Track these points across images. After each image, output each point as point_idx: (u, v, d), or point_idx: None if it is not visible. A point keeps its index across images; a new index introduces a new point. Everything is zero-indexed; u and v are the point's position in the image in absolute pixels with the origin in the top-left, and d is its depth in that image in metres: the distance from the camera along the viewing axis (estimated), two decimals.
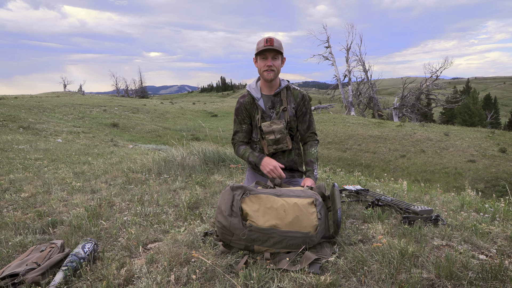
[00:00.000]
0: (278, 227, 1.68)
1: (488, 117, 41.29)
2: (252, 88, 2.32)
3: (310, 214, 1.72)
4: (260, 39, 2.18)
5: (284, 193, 1.81)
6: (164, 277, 1.55)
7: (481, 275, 1.42)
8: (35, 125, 12.84)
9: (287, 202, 1.74)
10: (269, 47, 2.11)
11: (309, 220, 1.71)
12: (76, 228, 2.21)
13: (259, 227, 1.67)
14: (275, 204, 1.73)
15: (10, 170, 4.47)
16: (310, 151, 2.33)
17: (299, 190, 1.85)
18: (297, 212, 1.70)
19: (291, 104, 2.30)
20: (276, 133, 2.21)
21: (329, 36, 31.62)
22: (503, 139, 17.02)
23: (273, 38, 2.13)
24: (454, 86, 51.16)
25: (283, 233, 1.68)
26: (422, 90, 29.93)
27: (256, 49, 2.18)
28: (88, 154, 6.70)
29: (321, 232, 1.74)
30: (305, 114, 2.34)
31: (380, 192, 2.88)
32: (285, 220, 1.68)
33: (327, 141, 17.93)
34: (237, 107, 2.35)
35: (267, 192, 1.80)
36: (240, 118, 2.35)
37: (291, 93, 2.32)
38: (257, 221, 1.68)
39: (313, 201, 1.77)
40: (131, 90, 65.78)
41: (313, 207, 1.76)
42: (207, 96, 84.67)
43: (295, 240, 1.69)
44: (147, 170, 4.06)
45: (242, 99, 2.35)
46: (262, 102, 2.30)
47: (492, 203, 2.53)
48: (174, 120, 24.67)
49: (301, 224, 1.69)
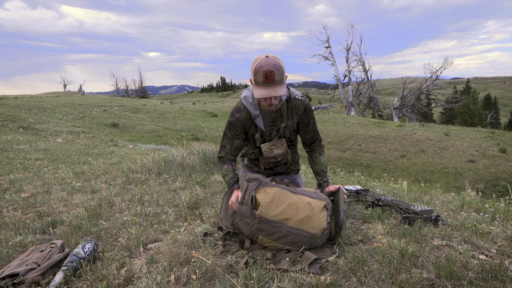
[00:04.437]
0: (287, 222, 1.71)
1: (488, 117, 41.30)
2: (249, 103, 2.00)
3: (321, 217, 1.76)
4: (258, 66, 1.79)
5: (299, 191, 1.86)
6: (164, 277, 1.55)
7: (481, 275, 1.42)
8: (35, 125, 12.84)
9: (301, 200, 1.78)
10: (270, 85, 1.80)
11: (319, 222, 1.74)
12: (76, 228, 2.21)
13: (268, 218, 1.72)
14: (289, 199, 1.77)
15: (10, 170, 4.47)
16: (320, 160, 2.19)
17: (312, 192, 1.90)
18: (309, 212, 1.74)
19: (293, 119, 2.07)
20: (278, 157, 2.09)
21: (329, 36, 31.63)
22: (503, 139, 17.01)
23: (274, 71, 1.76)
24: (454, 86, 51.16)
25: (291, 229, 1.71)
26: (422, 90, 29.92)
27: (254, 78, 1.83)
28: (88, 154, 6.70)
29: (326, 236, 1.78)
30: (308, 125, 2.14)
31: (380, 192, 2.88)
32: (296, 217, 1.72)
33: (327, 141, 17.94)
34: (232, 121, 2.04)
35: (282, 187, 1.86)
36: (233, 133, 2.06)
37: (293, 105, 2.05)
38: (268, 213, 1.72)
39: (325, 204, 1.82)
40: (131, 90, 65.78)
41: (325, 211, 1.79)
42: (207, 96, 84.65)
43: (300, 239, 1.72)
44: (147, 170, 4.06)
45: (238, 114, 2.03)
46: (261, 120, 2.04)
47: (492, 203, 2.52)
48: (174, 120, 24.67)
49: (310, 224, 1.72)
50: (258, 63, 1.79)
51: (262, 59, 1.79)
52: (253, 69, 1.82)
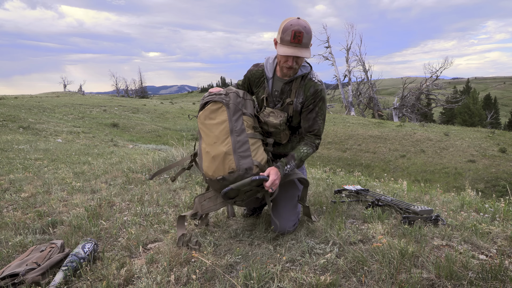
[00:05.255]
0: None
1: (488, 117, 41.30)
2: (269, 63, 2.03)
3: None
4: (288, 24, 1.78)
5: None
6: (164, 277, 1.55)
7: (481, 275, 1.42)
8: (35, 125, 12.83)
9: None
10: (296, 45, 1.78)
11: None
12: (76, 228, 2.21)
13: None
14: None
15: (10, 170, 4.47)
16: (299, 148, 1.99)
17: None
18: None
19: (299, 98, 1.99)
20: (270, 127, 2.01)
21: (329, 36, 31.63)
22: (503, 139, 17.02)
23: (303, 33, 1.75)
24: (454, 86, 51.13)
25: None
26: (422, 90, 29.93)
27: (280, 36, 1.81)
28: (88, 154, 6.70)
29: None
30: (311, 112, 2.00)
31: (380, 192, 2.88)
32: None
33: (327, 141, 17.93)
34: (246, 74, 2.15)
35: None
36: (242, 82, 2.19)
37: (304, 84, 1.98)
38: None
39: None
40: (131, 90, 65.74)
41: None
42: None
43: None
44: (147, 170, 4.06)
45: (253, 67, 2.11)
46: (271, 84, 2.04)
47: (492, 203, 2.53)
48: (174, 120, 24.67)
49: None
50: (288, 22, 1.79)
51: (293, 19, 1.79)
52: (282, 27, 1.80)
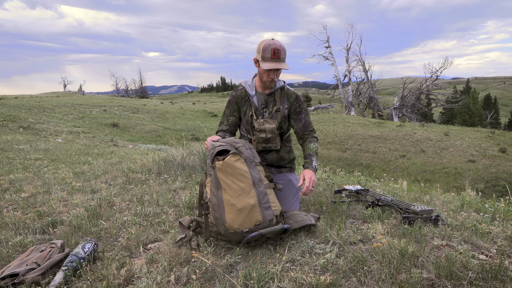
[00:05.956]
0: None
1: (488, 117, 41.32)
2: (248, 85, 2.34)
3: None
4: (266, 44, 2.09)
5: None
6: (164, 277, 1.55)
7: (481, 275, 1.42)
8: (35, 125, 12.83)
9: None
10: (276, 61, 2.09)
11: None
12: (76, 228, 2.21)
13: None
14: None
15: (10, 170, 4.47)
16: (309, 146, 2.29)
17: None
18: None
19: (284, 105, 2.31)
20: (267, 132, 2.25)
21: (329, 36, 31.63)
22: (503, 139, 17.01)
23: (280, 50, 2.08)
24: (454, 86, 51.16)
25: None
26: (422, 90, 29.92)
27: (261, 55, 2.11)
28: (88, 154, 6.70)
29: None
30: (300, 113, 2.33)
31: (380, 192, 2.88)
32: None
33: (327, 141, 17.93)
34: (230, 99, 2.39)
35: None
36: (230, 111, 2.38)
37: (285, 93, 2.33)
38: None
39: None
40: (131, 90, 65.73)
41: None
42: (207, 96, 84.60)
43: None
44: (147, 170, 4.06)
45: (235, 93, 2.38)
46: (255, 99, 2.32)
47: (492, 203, 2.53)
48: (174, 120, 24.66)
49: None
50: (266, 43, 2.10)
51: (269, 40, 2.11)
52: (262, 47, 2.10)
